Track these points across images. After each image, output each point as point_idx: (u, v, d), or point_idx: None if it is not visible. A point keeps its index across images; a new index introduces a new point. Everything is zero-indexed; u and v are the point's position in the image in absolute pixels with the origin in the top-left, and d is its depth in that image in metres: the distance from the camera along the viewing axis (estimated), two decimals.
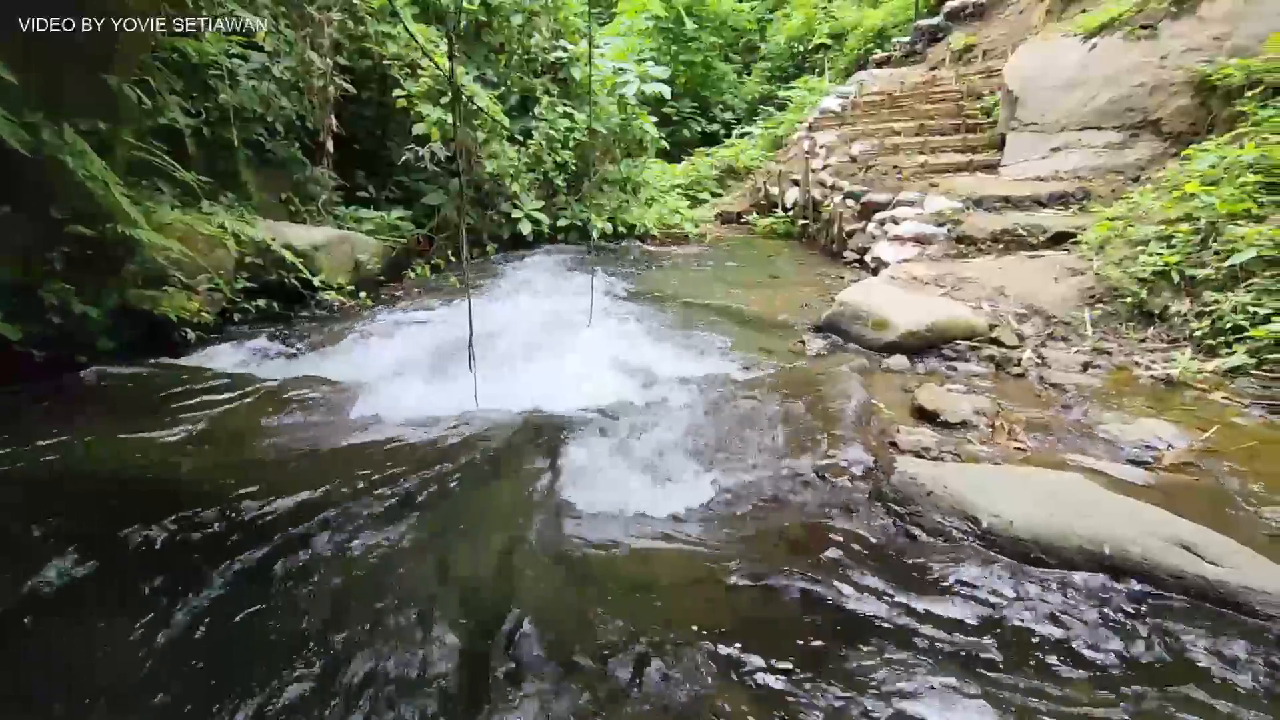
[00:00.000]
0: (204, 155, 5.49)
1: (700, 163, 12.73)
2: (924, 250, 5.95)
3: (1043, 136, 6.99)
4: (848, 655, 1.79)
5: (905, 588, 2.05)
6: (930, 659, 1.77)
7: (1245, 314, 3.68)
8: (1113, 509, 2.25)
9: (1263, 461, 2.73)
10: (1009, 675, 1.72)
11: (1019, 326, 4.43)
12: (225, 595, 1.93)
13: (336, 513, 2.30)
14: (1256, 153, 4.35)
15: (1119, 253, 4.66)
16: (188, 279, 4.53)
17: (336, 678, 1.66)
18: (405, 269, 6.86)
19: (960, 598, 2.01)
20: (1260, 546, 2.11)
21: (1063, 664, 1.76)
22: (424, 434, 2.91)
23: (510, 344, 4.30)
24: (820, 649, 1.82)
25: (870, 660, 1.77)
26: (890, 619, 1.92)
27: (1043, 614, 1.93)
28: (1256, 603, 1.86)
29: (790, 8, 17.13)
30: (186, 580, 1.95)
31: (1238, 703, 1.63)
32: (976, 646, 1.82)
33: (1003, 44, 9.96)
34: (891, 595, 2.02)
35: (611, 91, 8.79)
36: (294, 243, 5.30)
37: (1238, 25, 5.66)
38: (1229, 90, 5.37)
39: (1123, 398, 3.44)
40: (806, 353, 4.33)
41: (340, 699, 1.61)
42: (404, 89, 6.87)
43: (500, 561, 2.15)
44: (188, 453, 2.84)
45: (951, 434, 3.12)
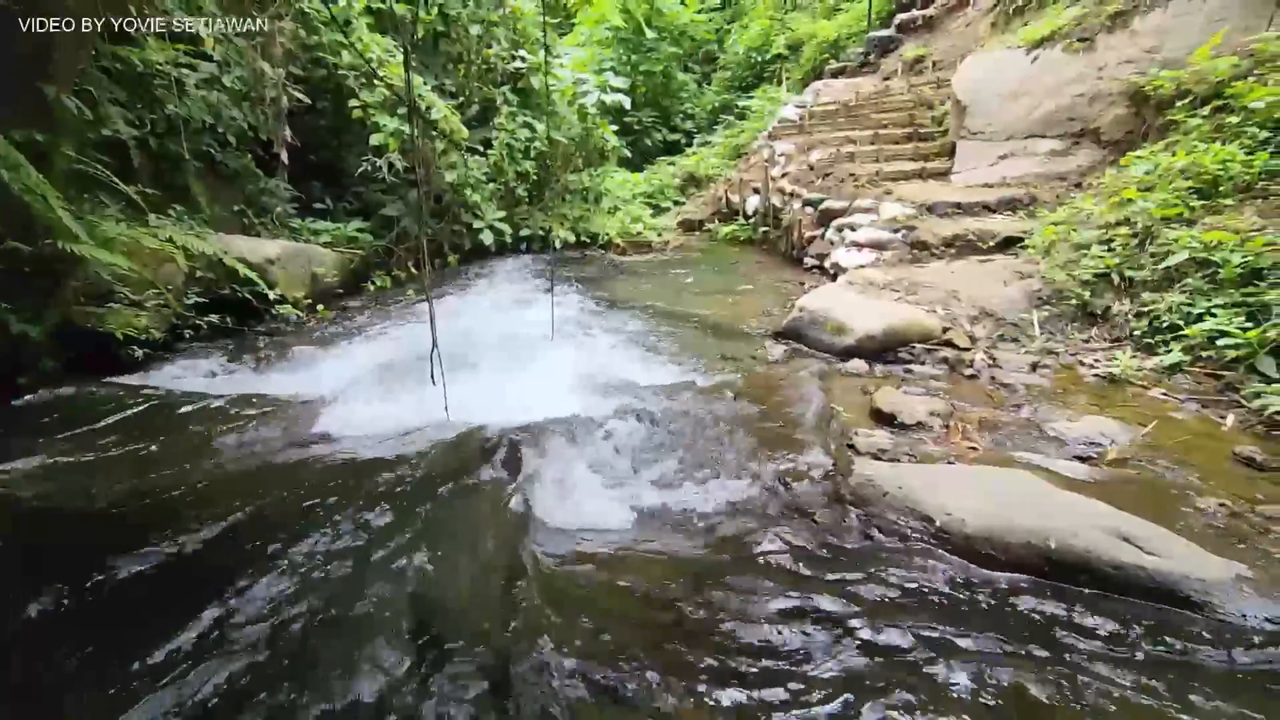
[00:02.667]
0: (151, 167, 5.35)
1: (662, 171, 12.82)
2: (880, 256, 6.09)
3: (991, 145, 7.22)
4: (802, 659, 1.82)
5: (862, 589, 2.09)
6: (884, 659, 1.81)
7: (1180, 313, 3.86)
8: (1058, 504, 2.33)
9: (1197, 454, 2.86)
10: (957, 671, 1.76)
11: (971, 328, 4.57)
12: (170, 624, 1.87)
13: (290, 533, 2.25)
14: (1187, 159, 4.57)
15: (1063, 256, 4.85)
16: (135, 295, 4.39)
17: (285, 701, 1.62)
18: (365, 281, 6.77)
19: (915, 596, 2.06)
20: (1194, 535, 2.21)
21: (1007, 656, 1.82)
22: (382, 449, 2.87)
23: (471, 355, 4.26)
24: (776, 653, 1.84)
25: (825, 663, 1.80)
26: (846, 620, 1.96)
27: (991, 608, 1.99)
28: (1191, 590, 1.95)
29: (748, 19, 17.42)
30: (126, 609, 1.88)
31: (1171, 687, 1.70)
32: (930, 644, 1.87)
33: (951, 55, 10.28)
34: (849, 597, 2.06)
35: (572, 101, 8.82)
36: (247, 256, 5.18)
37: (1166, 39, 5.95)
38: (1161, 100, 5.63)
39: (1069, 396, 3.57)
40: (768, 359, 4.39)
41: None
42: (360, 99, 6.78)
43: (460, 578, 2.12)
44: (134, 476, 2.75)
45: (908, 435, 3.19)
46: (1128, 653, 1.82)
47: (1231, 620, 1.90)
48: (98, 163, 4.39)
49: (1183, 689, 1.70)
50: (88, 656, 1.75)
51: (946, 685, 1.72)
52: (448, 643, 1.82)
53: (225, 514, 2.35)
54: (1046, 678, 1.72)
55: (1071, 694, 1.68)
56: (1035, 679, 1.72)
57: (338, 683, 1.67)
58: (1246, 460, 2.80)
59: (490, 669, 1.73)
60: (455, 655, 1.77)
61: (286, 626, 1.88)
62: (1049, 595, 2.05)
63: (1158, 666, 1.77)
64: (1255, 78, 4.83)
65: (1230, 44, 5.26)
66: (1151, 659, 1.80)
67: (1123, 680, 1.72)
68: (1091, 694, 1.68)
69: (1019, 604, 2.02)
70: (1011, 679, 1.72)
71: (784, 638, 1.90)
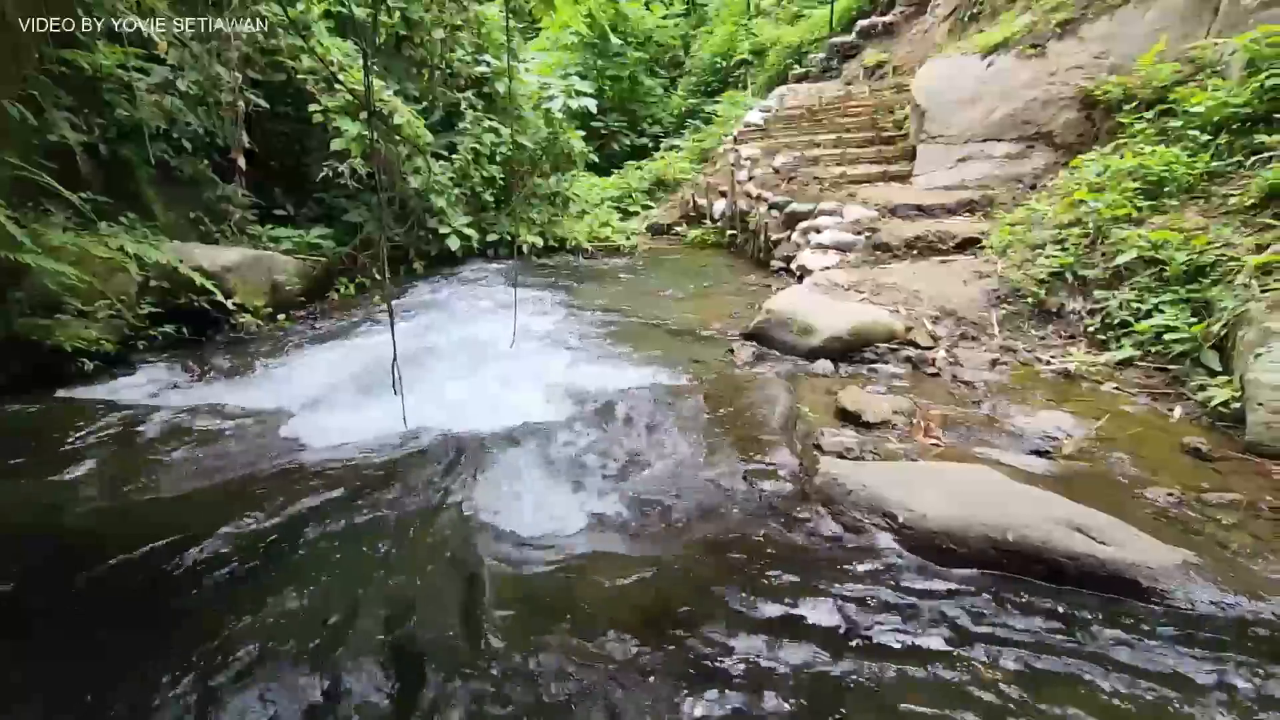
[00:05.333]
0: (101, 174, 5.18)
1: (631, 176, 12.86)
2: (845, 257, 6.18)
3: (949, 148, 7.39)
4: (767, 659, 1.83)
5: (825, 587, 2.12)
6: (847, 655, 1.83)
7: (1130, 310, 4.00)
8: (1015, 498, 2.39)
9: (1147, 446, 2.96)
10: (917, 663, 1.79)
11: (933, 328, 4.66)
12: (123, 645, 1.81)
13: (245, 547, 2.20)
14: (1134, 162, 4.74)
15: (1020, 256, 4.98)
16: (85, 306, 4.25)
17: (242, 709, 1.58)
18: (329, 289, 6.64)
19: (878, 592, 2.10)
20: (1144, 525, 2.29)
21: (965, 648, 1.85)
22: (344, 460, 2.82)
23: (436, 363, 4.22)
24: (741, 654, 1.85)
25: (789, 662, 1.81)
26: (810, 618, 1.98)
27: (950, 601, 2.03)
28: (1141, 577, 2.02)
29: (713, 25, 17.59)
30: (76, 633, 1.82)
31: (1121, 669, 1.76)
32: (892, 636, 1.90)
33: (911, 61, 10.49)
34: (813, 595, 2.08)
35: (538, 106, 8.79)
36: (204, 264, 5.05)
37: (1113, 45, 6.17)
38: (1109, 105, 5.83)
39: (1026, 392, 3.66)
40: (735, 361, 4.42)
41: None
42: (320, 104, 6.66)
43: (424, 589, 2.09)
44: (84, 494, 2.66)
45: (872, 434, 3.24)
46: (1081, 639, 1.87)
47: (1179, 605, 1.97)
48: (43, 170, 4.23)
49: (1132, 671, 1.75)
50: (38, 680, 1.69)
51: (906, 677, 1.74)
52: (407, 650, 1.79)
53: (182, 530, 2.28)
54: (1003, 666, 1.77)
55: (1027, 680, 1.72)
56: (989, 667, 1.76)
57: (295, 692, 1.63)
58: (1193, 451, 2.90)
59: (450, 676, 1.71)
60: (415, 663, 1.74)
61: (241, 640, 1.83)
62: (1007, 587, 2.10)
63: (1108, 651, 1.82)
64: (1196, 83, 5.03)
65: (1172, 51, 5.47)
66: (1103, 644, 1.85)
67: (1075, 666, 1.77)
68: (1045, 679, 1.72)
69: (978, 596, 2.07)
70: (968, 669, 1.76)
71: (750, 639, 1.91)
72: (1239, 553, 2.20)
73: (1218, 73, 4.98)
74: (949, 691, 1.70)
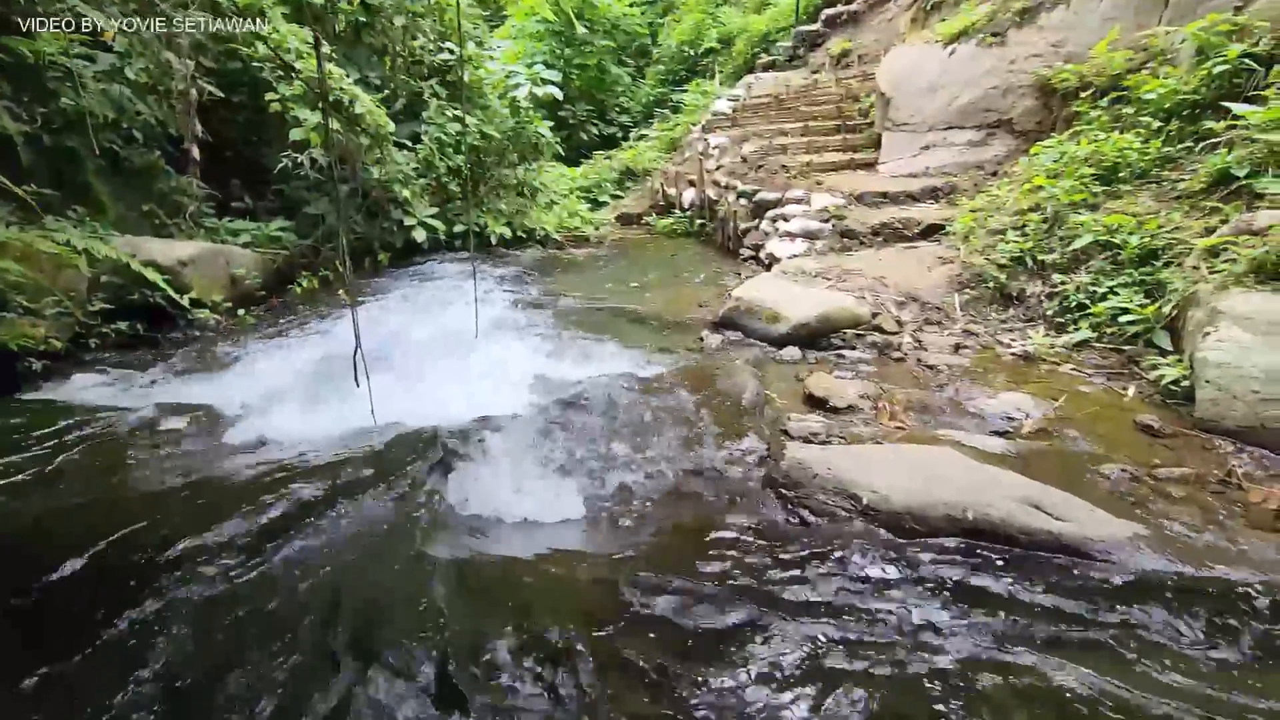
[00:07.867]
0: (45, 165, 4.97)
1: (599, 165, 12.78)
2: (812, 245, 6.23)
3: (914, 135, 7.48)
4: (734, 640, 1.85)
5: (791, 570, 2.14)
6: (814, 633, 1.86)
7: (1087, 293, 4.10)
8: (976, 477, 2.45)
9: (1103, 424, 3.05)
10: (882, 642, 1.83)
11: (898, 313, 4.73)
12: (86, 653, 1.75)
13: (208, 548, 2.14)
14: (1090, 148, 4.85)
15: (981, 241, 5.07)
16: (31, 303, 4.09)
17: (207, 704, 1.55)
18: (290, 283, 6.48)
19: (843, 570, 2.13)
20: (1098, 500, 2.36)
21: (927, 624, 1.90)
22: (306, 456, 2.76)
23: (402, 356, 4.15)
24: (709, 635, 1.86)
25: (760, 642, 1.83)
26: (780, 598, 2.00)
27: (912, 579, 2.07)
28: (1094, 550, 2.08)
29: (680, 13, 17.50)
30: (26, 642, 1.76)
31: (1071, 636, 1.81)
32: (855, 614, 1.93)
33: (875, 49, 10.59)
34: (778, 578, 2.10)
35: (503, 95, 8.67)
36: (157, 259, 4.89)
37: (1069, 34, 6.29)
38: (1066, 92, 5.95)
39: (988, 374, 3.74)
40: (705, 349, 4.44)
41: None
42: (278, 92, 6.48)
43: (396, 583, 2.06)
44: (34, 498, 2.56)
45: (839, 418, 3.28)
46: (1035, 610, 1.93)
47: (1130, 576, 2.03)
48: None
49: (1083, 638, 1.81)
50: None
51: (872, 653, 1.77)
52: (378, 645, 1.77)
53: (138, 534, 2.22)
54: (960, 630, 1.81)
55: (987, 650, 1.77)
56: (951, 637, 1.80)
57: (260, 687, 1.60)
58: (1146, 428, 2.99)
59: (424, 669, 1.69)
60: (385, 657, 1.72)
61: (208, 636, 1.80)
62: (967, 563, 2.15)
63: (1061, 619, 1.88)
64: (1148, 70, 5.15)
65: (1126, 39, 5.59)
66: (1057, 613, 1.91)
67: (1032, 633, 1.83)
68: (1005, 648, 1.77)
69: (939, 573, 2.11)
70: (931, 639, 1.80)
71: (721, 621, 1.92)
72: (1187, 525, 2.28)
73: (1169, 60, 5.11)
74: (913, 656, 1.73)
